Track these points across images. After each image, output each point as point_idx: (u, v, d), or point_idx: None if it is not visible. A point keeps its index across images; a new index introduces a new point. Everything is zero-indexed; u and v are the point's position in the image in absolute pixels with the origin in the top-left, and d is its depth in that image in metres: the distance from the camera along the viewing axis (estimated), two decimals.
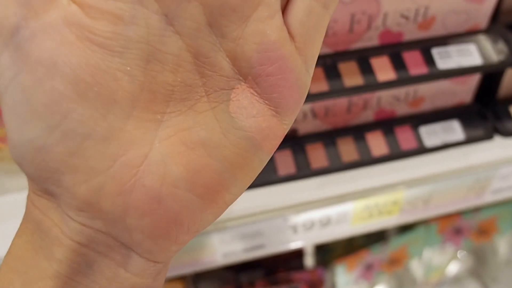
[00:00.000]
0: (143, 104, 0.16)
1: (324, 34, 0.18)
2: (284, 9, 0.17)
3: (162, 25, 0.16)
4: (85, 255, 0.17)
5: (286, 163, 0.42)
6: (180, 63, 0.16)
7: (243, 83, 0.17)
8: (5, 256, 0.18)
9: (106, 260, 0.17)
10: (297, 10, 0.17)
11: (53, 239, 0.16)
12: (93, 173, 0.15)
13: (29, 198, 0.17)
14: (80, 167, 0.15)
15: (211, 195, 0.17)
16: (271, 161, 0.42)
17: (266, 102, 0.17)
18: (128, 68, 0.15)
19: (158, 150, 0.16)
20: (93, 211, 0.16)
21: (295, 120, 0.43)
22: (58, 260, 0.16)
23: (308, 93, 0.38)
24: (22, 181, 0.41)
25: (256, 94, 0.17)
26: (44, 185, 0.16)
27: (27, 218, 0.17)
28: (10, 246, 0.18)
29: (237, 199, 0.41)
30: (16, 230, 0.18)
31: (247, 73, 0.17)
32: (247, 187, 0.18)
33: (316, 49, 0.18)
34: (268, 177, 0.41)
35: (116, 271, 0.17)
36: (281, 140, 0.18)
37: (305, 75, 0.18)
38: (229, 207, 0.40)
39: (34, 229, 0.17)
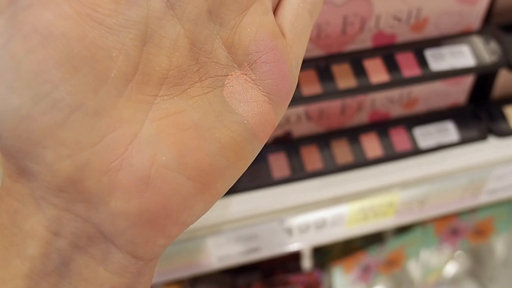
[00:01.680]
0: (136, 85, 0.16)
1: (308, 37, 0.19)
2: (274, 12, 0.19)
3: (163, 9, 0.16)
4: (61, 250, 0.15)
5: (280, 165, 0.42)
6: (177, 48, 0.17)
7: (237, 70, 0.18)
8: None
9: (85, 257, 0.16)
10: (287, 12, 0.18)
11: (27, 231, 0.15)
12: (79, 148, 0.15)
13: (3, 187, 0.16)
14: (66, 141, 0.14)
15: (202, 178, 0.17)
16: (266, 163, 0.42)
17: (260, 88, 0.18)
18: (125, 47, 0.15)
19: (148, 130, 0.16)
20: (75, 191, 0.15)
21: (289, 122, 0.43)
22: (31, 257, 0.15)
23: (302, 95, 0.38)
24: None
25: (250, 80, 0.18)
26: (22, 162, 0.15)
27: None
28: None
29: (232, 202, 0.41)
30: None
31: (242, 60, 0.18)
32: (238, 177, 0.18)
33: (302, 50, 0.19)
34: (262, 180, 0.41)
35: (95, 270, 0.16)
36: (273, 129, 0.19)
37: (294, 70, 0.19)
38: (223, 210, 0.40)
39: (5, 223, 0.16)
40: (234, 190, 0.41)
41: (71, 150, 0.15)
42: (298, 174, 0.42)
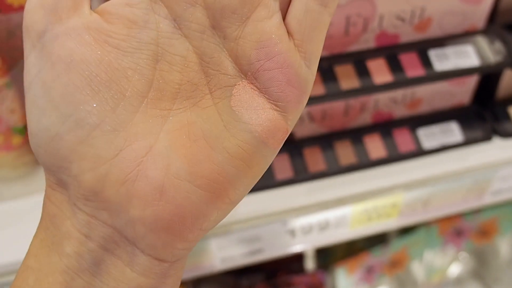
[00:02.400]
0: (151, 101, 0.17)
1: (325, 31, 0.19)
2: (286, 10, 0.18)
3: (171, 29, 0.17)
4: (92, 251, 0.17)
5: (283, 167, 0.42)
6: (187, 64, 0.18)
7: (244, 80, 0.18)
8: (25, 256, 0.19)
9: (113, 259, 0.18)
10: (295, 10, 0.18)
11: (64, 233, 0.17)
12: (99, 161, 0.17)
13: (45, 194, 0.18)
14: (87, 155, 0.16)
15: (213, 187, 0.17)
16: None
17: (266, 96, 0.18)
18: (139, 67, 0.17)
19: (162, 143, 0.17)
20: (98, 200, 0.17)
21: None
22: (67, 255, 0.17)
23: None
24: (19, 189, 0.41)
25: (256, 89, 0.18)
26: (57, 175, 0.17)
27: (43, 215, 0.18)
28: (29, 247, 0.19)
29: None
30: (14, 237, 0.18)
31: (247, 70, 0.18)
32: (252, 185, 0.19)
33: (316, 46, 0.18)
34: (265, 181, 0.41)
35: (122, 270, 0.18)
36: (286, 135, 0.19)
37: (305, 71, 0.18)
38: None
39: (48, 225, 0.18)
40: None
41: (92, 163, 0.17)
42: (301, 175, 0.41)
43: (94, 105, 0.16)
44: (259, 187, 0.41)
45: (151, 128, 0.17)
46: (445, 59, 0.40)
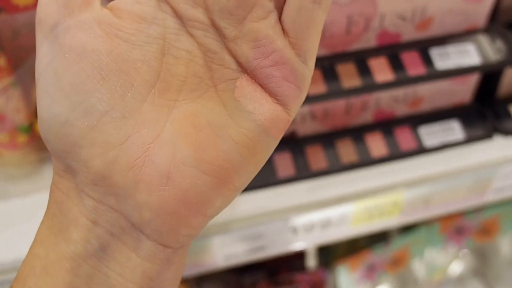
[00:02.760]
0: (159, 91, 0.18)
1: (320, 28, 0.19)
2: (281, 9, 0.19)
3: (177, 26, 0.18)
4: (99, 237, 0.18)
5: (285, 165, 0.42)
6: (192, 58, 0.19)
7: (246, 75, 0.19)
8: (31, 244, 0.19)
9: (119, 244, 0.18)
10: (289, 8, 0.18)
11: (71, 219, 0.18)
12: (108, 147, 0.17)
13: (52, 182, 0.19)
14: (97, 141, 0.17)
15: (218, 173, 0.18)
16: (271, 163, 0.42)
17: (266, 91, 0.19)
18: (147, 59, 0.18)
19: (168, 131, 0.18)
20: (106, 185, 0.17)
21: (294, 121, 0.43)
22: (74, 241, 0.18)
23: (307, 95, 0.38)
24: (24, 186, 0.41)
25: (256, 84, 0.19)
26: (66, 161, 0.18)
27: (50, 203, 0.19)
28: (35, 235, 0.19)
29: (237, 201, 0.41)
30: (20, 234, 0.19)
31: (246, 67, 0.19)
32: (255, 172, 0.20)
33: (311, 43, 0.19)
34: (267, 179, 0.41)
35: (128, 255, 0.18)
36: (287, 125, 0.19)
37: (301, 66, 0.19)
38: (229, 209, 0.40)
39: (55, 212, 0.18)
40: None
41: (102, 149, 0.17)
42: (303, 173, 0.42)
43: (104, 92, 0.17)
44: (261, 185, 0.41)
45: (158, 117, 0.18)
46: (446, 58, 0.41)
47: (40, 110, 0.18)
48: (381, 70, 0.39)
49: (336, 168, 0.42)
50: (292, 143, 0.43)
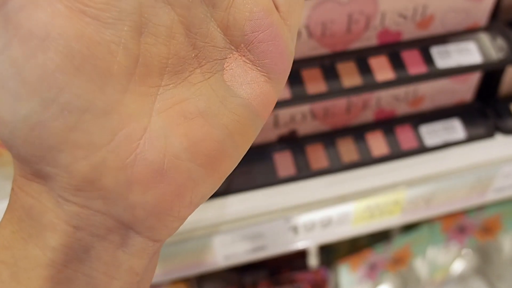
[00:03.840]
0: (139, 77, 0.16)
1: (303, 5, 0.19)
2: None
3: None
4: (81, 240, 0.16)
5: (286, 164, 0.42)
6: (173, 35, 0.16)
7: (235, 52, 0.18)
8: None
9: (104, 243, 0.16)
10: None
11: (46, 225, 0.16)
12: (94, 148, 0.15)
13: (16, 184, 0.16)
14: (80, 142, 0.15)
15: (213, 163, 0.17)
16: (271, 162, 0.42)
17: (259, 68, 0.18)
18: (122, 40, 0.15)
19: (157, 123, 0.16)
20: (93, 190, 0.15)
21: (294, 121, 0.42)
22: (52, 248, 0.16)
23: (307, 94, 0.38)
24: None
25: (248, 61, 0.18)
26: (37, 166, 0.15)
27: (14, 206, 0.16)
28: None
29: (238, 201, 0.41)
30: None
31: (239, 41, 0.17)
32: (244, 154, 0.19)
33: (298, 20, 0.19)
34: (268, 178, 0.41)
35: (114, 254, 0.17)
36: (273, 105, 0.19)
37: (290, 43, 0.18)
38: (229, 209, 0.40)
39: (22, 217, 0.16)
40: (239, 189, 0.41)
41: (86, 151, 0.15)
42: (304, 172, 0.42)
43: (80, 85, 0.14)
44: (262, 184, 0.41)
45: (143, 108, 0.16)
46: (447, 56, 0.40)
47: (0, 111, 0.14)
48: (382, 69, 0.39)
49: (337, 167, 0.42)
50: (292, 142, 0.43)
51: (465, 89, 0.46)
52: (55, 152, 0.15)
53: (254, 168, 0.42)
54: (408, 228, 0.67)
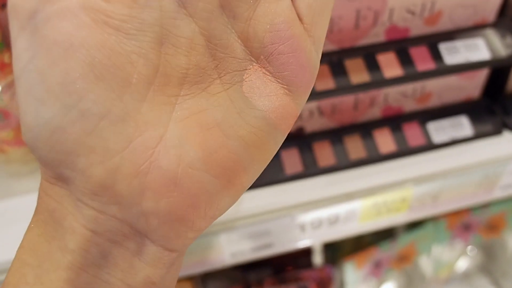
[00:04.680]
0: (158, 87, 0.16)
1: (330, 16, 0.18)
2: None
3: (175, 8, 0.16)
4: (99, 245, 0.16)
5: (293, 161, 0.42)
6: (193, 46, 0.17)
7: (255, 64, 0.17)
8: (17, 251, 0.17)
9: (121, 250, 0.17)
10: None
11: (67, 228, 0.16)
12: (109, 154, 0.15)
13: (41, 188, 0.17)
14: (96, 148, 0.15)
15: (228, 175, 0.17)
16: (278, 159, 0.42)
17: (279, 80, 0.17)
18: (143, 51, 0.16)
19: (173, 132, 0.16)
20: (108, 195, 0.16)
21: (302, 118, 0.42)
22: (72, 251, 0.16)
23: (315, 90, 0.38)
24: (29, 183, 0.41)
25: (268, 73, 0.17)
26: (58, 170, 0.16)
27: (39, 209, 0.17)
28: (22, 240, 0.17)
29: (245, 198, 0.41)
30: (25, 232, 0.17)
31: (259, 53, 0.17)
32: (263, 168, 0.19)
33: (323, 31, 0.18)
34: (275, 176, 0.41)
35: (130, 261, 0.17)
36: (295, 119, 0.18)
37: (314, 55, 0.18)
38: (236, 207, 0.40)
39: (46, 220, 0.17)
40: None
41: (102, 156, 0.15)
42: (311, 170, 0.41)
43: (99, 93, 0.15)
44: (268, 182, 0.41)
45: (160, 116, 0.16)
46: (455, 53, 0.40)
47: (24, 115, 0.15)
48: (390, 65, 0.39)
49: (344, 164, 0.42)
50: (299, 139, 0.43)
51: (472, 85, 0.46)
52: (74, 156, 0.15)
53: None
54: (413, 225, 0.66)
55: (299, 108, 0.18)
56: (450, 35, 0.41)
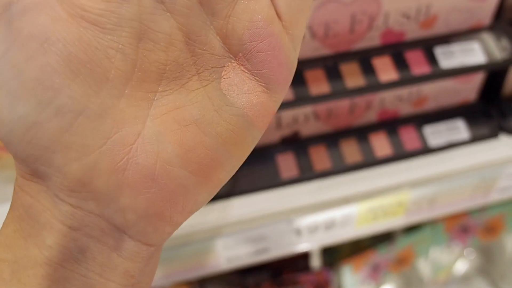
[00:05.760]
0: (136, 83, 0.16)
1: (309, 14, 0.18)
2: None
3: (154, 4, 0.16)
4: (76, 240, 0.16)
5: (289, 166, 0.42)
6: (172, 42, 0.17)
7: (233, 61, 0.17)
8: None
9: (98, 245, 0.17)
10: None
11: (43, 224, 0.16)
12: (86, 151, 0.15)
13: (17, 183, 0.17)
14: (73, 144, 0.15)
15: (205, 172, 0.17)
16: (274, 164, 0.42)
17: (257, 78, 0.17)
18: (120, 46, 0.16)
19: (151, 128, 0.16)
20: (85, 191, 0.16)
21: (297, 122, 0.42)
22: (49, 247, 0.16)
23: (310, 95, 0.38)
24: None
25: (246, 71, 0.17)
26: (33, 166, 0.16)
27: (15, 205, 0.17)
28: None
29: (240, 203, 0.41)
30: None
31: (237, 50, 0.17)
32: (241, 163, 0.19)
33: (301, 29, 0.18)
34: (271, 180, 0.41)
35: (108, 256, 0.17)
36: (272, 116, 0.18)
37: (292, 53, 0.18)
38: (232, 211, 0.40)
39: (22, 216, 0.17)
40: (242, 191, 0.40)
41: (79, 153, 0.15)
42: (307, 174, 0.41)
43: (76, 89, 0.15)
44: (264, 186, 0.41)
45: (138, 113, 0.16)
46: (451, 57, 0.40)
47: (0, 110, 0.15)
48: (385, 70, 0.39)
49: (340, 168, 0.42)
50: (295, 143, 0.43)
51: (468, 89, 0.45)
52: (50, 153, 0.15)
53: (257, 170, 0.41)
54: (411, 228, 0.66)
55: (276, 105, 0.19)
56: (446, 38, 0.41)
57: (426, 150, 0.43)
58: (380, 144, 0.43)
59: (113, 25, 0.15)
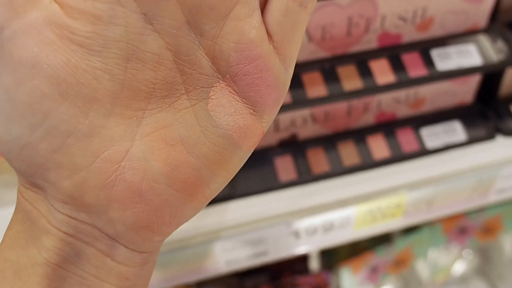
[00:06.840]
0: (124, 102, 0.16)
1: (303, 33, 0.18)
2: (264, 7, 0.17)
3: (141, 24, 0.16)
4: (72, 244, 0.17)
5: (287, 169, 0.42)
6: (160, 61, 0.17)
7: (221, 82, 0.17)
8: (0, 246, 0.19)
9: (93, 250, 0.18)
10: (274, 9, 0.17)
11: (41, 228, 0.17)
12: (76, 169, 0.16)
13: (19, 190, 0.18)
14: (64, 163, 0.16)
15: (190, 190, 0.18)
16: (272, 167, 0.42)
17: (244, 100, 0.18)
18: (108, 67, 0.16)
19: (138, 147, 0.17)
20: (77, 204, 0.17)
21: (295, 125, 0.42)
22: (47, 249, 0.17)
23: (307, 98, 0.38)
24: None
25: (234, 92, 0.17)
26: (31, 179, 0.17)
27: (18, 209, 0.18)
28: (4, 237, 0.18)
29: (239, 206, 0.41)
30: None
31: (225, 72, 0.17)
32: (228, 181, 0.19)
33: (294, 48, 0.18)
34: (269, 183, 0.41)
35: (102, 260, 0.18)
36: (261, 136, 0.19)
37: (283, 74, 0.18)
38: (231, 215, 0.40)
39: (24, 219, 0.18)
40: (240, 194, 0.40)
41: (69, 171, 0.16)
42: (305, 177, 0.41)
43: (65, 111, 0.15)
44: (262, 189, 0.41)
45: (126, 131, 0.17)
46: (447, 59, 0.40)
47: None
48: (382, 72, 0.39)
49: (338, 170, 0.42)
50: (293, 146, 0.43)
51: (465, 91, 0.46)
52: (43, 170, 0.16)
53: (255, 173, 0.41)
54: (409, 230, 0.66)
55: (265, 126, 0.19)
56: (442, 41, 0.41)
57: (423, 152, 0.43)
58: (378, 146, 0.43)
59: (100, 47, 0.16)
